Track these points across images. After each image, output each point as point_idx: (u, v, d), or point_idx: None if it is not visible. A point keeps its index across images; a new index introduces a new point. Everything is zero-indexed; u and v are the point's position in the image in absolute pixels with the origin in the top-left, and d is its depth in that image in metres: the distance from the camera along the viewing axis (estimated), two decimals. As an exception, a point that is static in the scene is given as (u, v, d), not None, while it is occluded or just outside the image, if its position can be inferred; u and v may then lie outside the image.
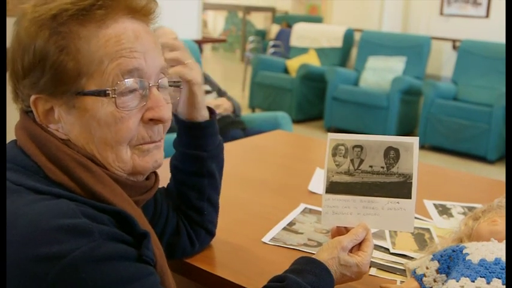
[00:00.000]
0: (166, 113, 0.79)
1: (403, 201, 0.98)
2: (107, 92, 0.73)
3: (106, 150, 0.76)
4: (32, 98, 0.74)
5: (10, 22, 0.80)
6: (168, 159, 1.13)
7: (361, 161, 0.99)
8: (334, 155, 1.01)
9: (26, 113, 0.78)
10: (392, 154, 0.98)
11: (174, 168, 1.08)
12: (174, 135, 1.08)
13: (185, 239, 1.06)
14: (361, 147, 1.00)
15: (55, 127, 0.76)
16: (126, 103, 0.74)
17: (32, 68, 0.73)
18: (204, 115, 1.04)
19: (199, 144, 1.04)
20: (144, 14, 0.79)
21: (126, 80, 0.74)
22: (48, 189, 0.69)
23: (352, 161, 1.00)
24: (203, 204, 1.07)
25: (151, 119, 0.78)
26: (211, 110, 1.07)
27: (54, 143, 0.74)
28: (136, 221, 0.72)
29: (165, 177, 1.11)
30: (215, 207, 1.11)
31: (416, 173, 0.97)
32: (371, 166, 0.99)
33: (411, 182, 0.98)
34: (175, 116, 1.04)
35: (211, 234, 1.12)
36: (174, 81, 0.86)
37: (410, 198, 0.98)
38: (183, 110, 1.04)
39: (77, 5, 0.72)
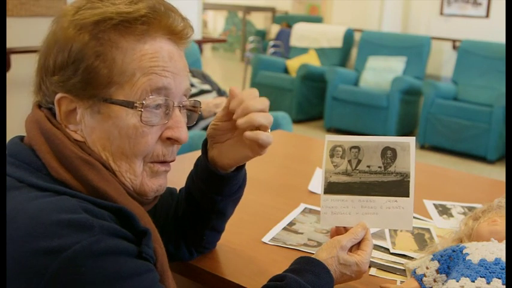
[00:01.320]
0: (185, 134, 0.80)
1: (401, 200, 0.98)
2: (135, 104, 0.75)
3: (121, 159, 0.77)
4: (58, 96, 0.76)
5: (10, 22, 0.81)
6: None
7: (359, 162, 1.00)
8: (331, 156, 1.01)
9: (39, 107, 0.79)
10: (389, 154, 0.99)
11: (187, 188, 1.04)
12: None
13: (184, 251, 1.06)
14: (358, 148, 1.00)
15: (74, 128, 0.77)
16: (150, 118, 0.76)
17: (64, 67, 0.74)
18: (229, 170, 0.97)
19: (216, 189, 0.98)
20: (180, 37, 0.81)
21: (154, 96, 0.76)
22: (50, 186, 0.70)
23: (349, 161, 1.00)
24: (205, 231, 1.05)
25: (169, 138, 0.79)
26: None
27: (62, 139, 0.75)
28: (137, 218, 0.73)
29: (169, 178, 1.11)
30: (219, 232, 1.09)
31: (413, 172, 0.98)
32: (368, 166, 0.99)
33: (409, 181, 0.98)
34: (203, 147, 0.98)
35: (211, 248, 1.12)
36: (193, 106, 0.86)
37: (408, 196, 0.98)
38: (215, 155, 0.96)
39: (121, 16, 0.74)
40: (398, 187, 0.98)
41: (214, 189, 0.99)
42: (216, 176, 0.97)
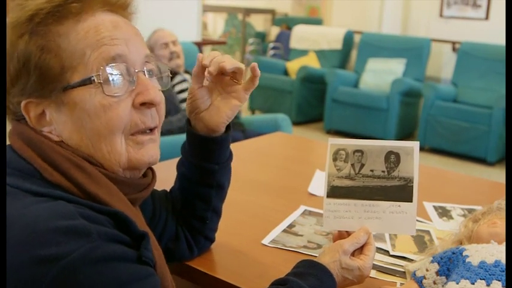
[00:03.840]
0: (157, 95, 0.79)
1: (404, 205, 0.98)
2: (92, 78, 0.74)
3: (100, 142, 0.75)
4: (23, 103, 0.75)
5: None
6: (171, 161, 1.12)
7: (362, 166, 0.99)
8: (334, 159, 1.00)
9: (18, 121, 0.78)
10: (393, 158, 0.98)
11: (181, 175, 1.06)
12: (171, 138, 1.07)
13: (184, 246, 1.06)
14: (361, 151, 1.00)
15: (48, 129, 0.76)
16: (113, 89, 0.75)
17: (18, 75, 0.74)
18: (223, 129, 1.00)
19: (212, 157, 1.00)
20: (120, 7, 0.80)
21: (110, 65, 0.75)
22: (45, 191, 0.69)
23: (353, 165, 1.00)
24: (207, 214, 1.06)
25: (142, 103, 0.78)
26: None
27: (48, 144, 0.74)
28: (134, 221, 0.72)
29: (167, 180, 1.11)
30: (218, 215, 1.09)
31: (417, 177, 0.97)
32: (372, 170, 0.99)
33: (412, 186, 0.97)
34: (187, 125, 1.01)
35: (211, 240, 1.12)
36: (160, 71, 0.85)
37: (411, 201, 0.97)
38: (206, 122, 0.98)
39: (51, 2, 0.73)
40: (402, 192, 0.98)
41: (212, 159, 1.00)
42: (212, 142, 0.99)
